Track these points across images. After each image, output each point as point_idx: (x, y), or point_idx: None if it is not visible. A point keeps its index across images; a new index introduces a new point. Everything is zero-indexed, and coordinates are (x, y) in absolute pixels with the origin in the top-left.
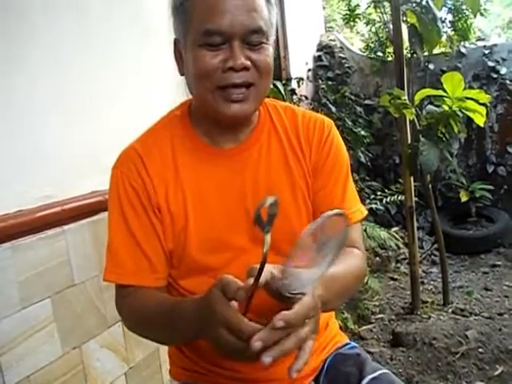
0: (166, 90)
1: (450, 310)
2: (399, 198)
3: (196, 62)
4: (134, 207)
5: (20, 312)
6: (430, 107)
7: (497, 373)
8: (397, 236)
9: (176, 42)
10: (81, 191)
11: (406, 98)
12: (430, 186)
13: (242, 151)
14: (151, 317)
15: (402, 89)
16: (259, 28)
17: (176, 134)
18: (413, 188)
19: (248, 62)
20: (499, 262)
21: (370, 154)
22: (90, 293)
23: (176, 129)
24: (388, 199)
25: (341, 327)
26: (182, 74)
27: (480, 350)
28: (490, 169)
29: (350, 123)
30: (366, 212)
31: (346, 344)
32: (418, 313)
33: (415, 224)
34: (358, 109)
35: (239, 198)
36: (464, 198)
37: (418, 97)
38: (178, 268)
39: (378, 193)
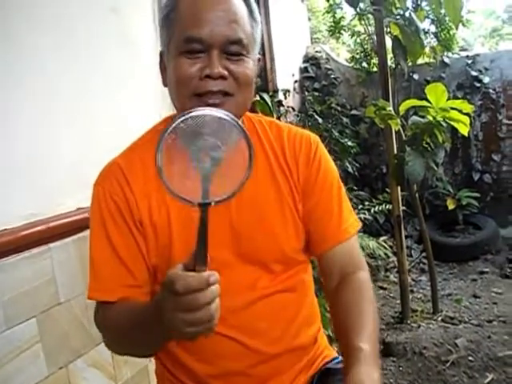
0: (151, 105)
1: (440, 319)
2: (387, 207)
3: (175, 69)
4: (116, 222)
5: (5, 332)
6: (415, 118)
7: (487, 381)
8: (385, 245)
9: (161, 54)
10: (66, 208)
11: (391, 108)
12: (416, 194)
13: None
14: (123, 324)
15: (387, 99)
16: (239, 39)
17: None
18: (400, 197)
19: (225, 72)
20: (487, 269)
21: (357, 164)
22: (76, 311)
23: None
24: (376, 209)
25: (330, 338)
26: (165, 85)
27: (470, 358)
28: (476, 176)
29: (336, 134)
30: (359, 222)
31: (334, 358)
32: (408, 322)
33: (403, 233)
34: (345, 119)
35: (223, 211)
36: (451, 206)
37: (402, 107)
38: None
39: (366, 202)
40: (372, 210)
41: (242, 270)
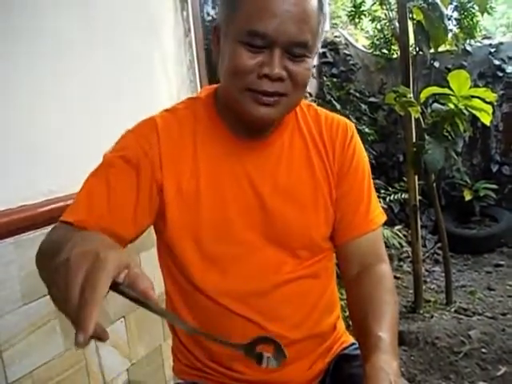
0: (168, 89)
1: (453, 310)
2: (403, 196)
3: (233, 57)
4: (125, 169)
5: (22, 308)
6: (436, 105)
7: (499, 373)
8: (400, 234)
9: (216, 27)
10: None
11: (412, 95)
12: (434, 184)
13: (264, 146)
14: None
15: (408, 86)
16: (305, 42)
17: (199, 117)
18: (417, 186)
19: (284, 73)
20: (502, 262)
21: (374, 152)
22: None
23: (199, 112)
24: (391, 197)
25: (347, 326)
26: (216, 61)
27: (483, 350)
28: (495, 168)
29: (354, 120)
30: (384, 214)
31: (352, 344)
32: (421, 312)
33: (419, 222)
34: (363, 106)
35: (257, 192)
36: (468, 197)
37: (423, 95)
38: (188, 252)
39: (382, 191)
40: (387, 199)
41: (268, 254)
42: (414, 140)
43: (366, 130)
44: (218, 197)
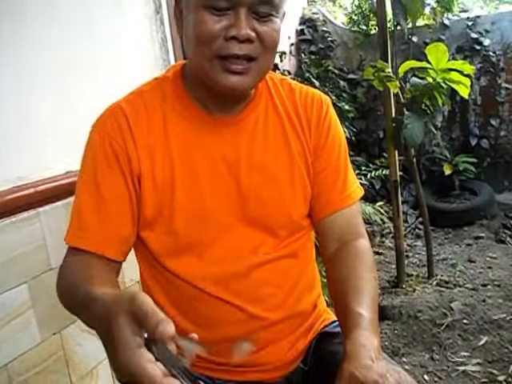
0: (140, 69)
1: (435, 283)
2: (383, 172)
3: (197, 25)
4: (110, 169)
5: None
6: (414, 79)
7: (481, 343)
8: (382, 210)
9: (177, 0)
10: (54, 172)
11: (390, 70)
12: (414, 159)
13: (237, 121)
14: (75, 287)
15: (386, 61)
16: None
17: (167, 97)
18: (397, 162)
19: (253, 34)
20: (482, 234)
21: (354, 129)
22: None
23: (167, 91)
24: (372, 174)
25: (327, 303)
26: (180, 36)
27: (464, 321)
28: (474, 142)
29: (333, 98)
30: (362, 189)
31: (333, 322)
32: (404, 286)
33: (400, 198)
34: (342, 83)
35: (231, 170)
36: (447, 171)
37: (402, 69)
38: (163, 244)
39: (363, 168)
40: (368, 176)
41: (245, 235)
42: (394, 115)
43: (346, 107)
44: (193, 180)
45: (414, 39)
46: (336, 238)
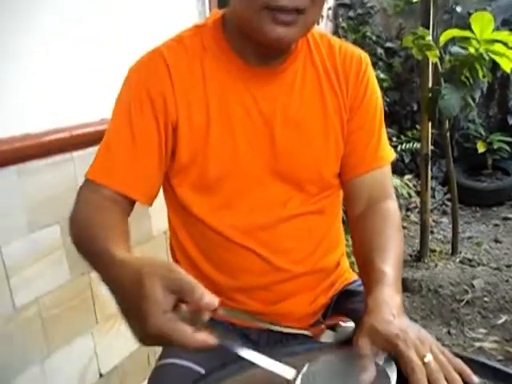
0: (178, 17)
1: (458, 260)
2: (414, 145)
3: None
4: (143, 114)
5: (27, 236)
6: (456, 48)
7: (500, 321)
8: (410, 184)
9: None
10: (89, 118)
11: (431, 39)
12: (447, 134)
13: (275, 75)
14: (92, 240)
15: (428, 29)
16: None
17: (206, 45)
18: (430, 135)
19: None
20: (511, 215)
21: (388, 99)
22: None
23: (207, 39)
24: (403, 146)
25: (351, 264)
26: None
27: (485, 298)
28: (511, 120)
29: None
30: (394, 152)
31: (355, 281)
32: (426, 261)
33: (429, 172)
34: (379, 51)
35: (266, 124)
36: (481, 149)
37: (443, 38)
38: (194, 192)
39: (394, 139)
40: (399, 148)
41: (275, 188)
42: (431, 86)
43: (381, 75)
44: (228, 131)
45: (458, 9)
46: (365, 198)
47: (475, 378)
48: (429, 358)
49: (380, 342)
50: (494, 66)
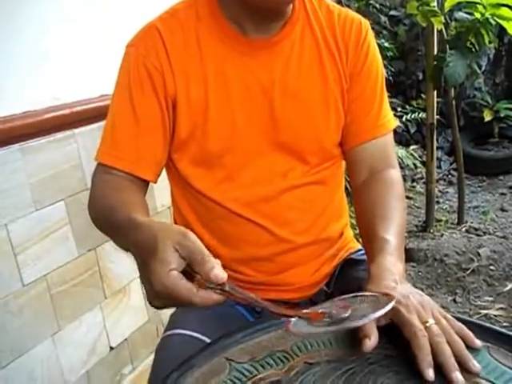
0: None
1: (464, 229)
2: (420, 115)
3: None
4: (144, 90)
5: (33, 213)
6: (461, 14)
7: (506, 289)
8: (415, 155)
9: None
10: (89, 94)
11: (436, 5)
12: (453, 102)
13: (273, 44)
14: (111, 212)
15: None
16: None
17: (202, 16)
18: (435, 104)
19: None
20: None
21: (392, 69)
22: None
23: (202, 11)
24: (408, 116)
25: (355, 237)
26: None
27: (491, 267)
28: None
29: (373, 34)
30: (396, 120)
31: (359, 250)
32: (431, 231)
33: (435, 142)
34: (383, 19)
35: (265, 94)
36: (488, 118)
37: (448, 3)
38: (195, 166)
39: (399, 109)
40: (404, 118)
41: (275, 159)
42: (436, 53)
43: (386, 44)
44: (226, 102)
45: None
46: (367, 167)
47: (478, 342)
48: (431, 322)
49: None
50: (501, 32)
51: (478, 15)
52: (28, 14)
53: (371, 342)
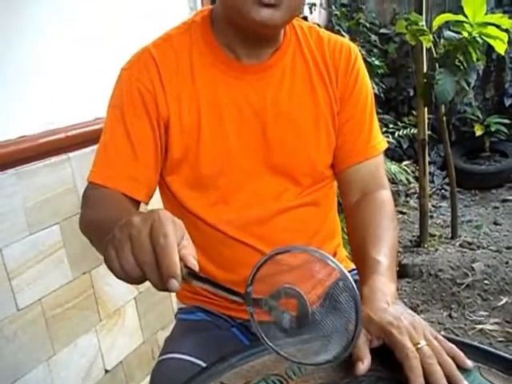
0: (169, 13)
1: (458, 244)
2: (412, 131)
3: None
4: (136, 112)
5: (28, 237)
6: (449, 33)
7: (501, 303)
8: (408, 170)
9: None
10: (83, 118)
11: (424, 24)
12: (444, 118)
13: (265, 69)
14: (102, 212)
15: (421, 15)
16: None
17: (195, 42)
18: (426, 120)
19: None
20: (510, 197)
21: (384, 86)
22: None
23: (195, 36)
24: (400, 132)
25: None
26: None
27: (485, 281)
28: (508, 102)
29: (364, 52)
30: (386, 142)
31: (352, 270)
32: (425, 246)
33: (427, 157)
34: (373, 37)
35: (257, 118)
36: (479, 132)
37: (436, 22)
38: (188, 188)
39: (391, 126)
40: (396, 134)
41: (269, 182)
42: (425, 71)
43: (376, 62)
44: (219, 126)
45: None
46: (358, 188)
47: (469, 362)
48: (422, 343)
49: (375, 330)
50: (490, 49)
51: (465, 34)
52: (24, 36)
53: (364, 365)
